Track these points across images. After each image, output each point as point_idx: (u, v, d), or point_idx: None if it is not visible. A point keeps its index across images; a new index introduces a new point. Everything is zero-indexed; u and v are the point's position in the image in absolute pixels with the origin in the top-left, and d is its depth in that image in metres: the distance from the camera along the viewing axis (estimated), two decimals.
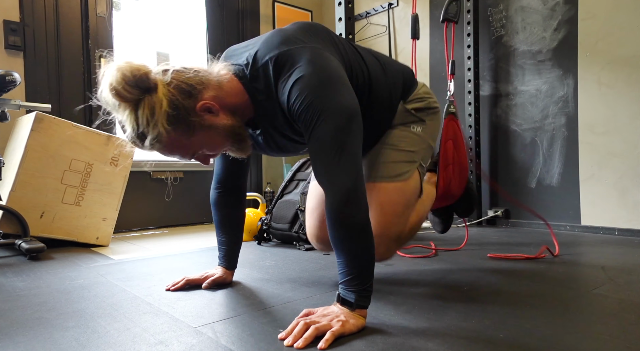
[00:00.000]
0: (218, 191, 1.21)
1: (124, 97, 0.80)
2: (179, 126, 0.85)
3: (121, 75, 0.79)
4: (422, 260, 1.53)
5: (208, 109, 0.88)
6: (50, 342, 0.82)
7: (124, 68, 0.79)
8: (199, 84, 0.87)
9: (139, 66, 0.81)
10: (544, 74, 2.30)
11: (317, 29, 0.99)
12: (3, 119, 1.70)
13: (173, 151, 0.90)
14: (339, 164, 0.83)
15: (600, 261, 1.46)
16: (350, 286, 0.84)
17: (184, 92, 0.85)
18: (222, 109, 0.91)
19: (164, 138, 0.84)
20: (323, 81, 0.86)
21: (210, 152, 0.94)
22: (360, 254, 0.84)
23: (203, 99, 0.87)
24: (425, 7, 2.86)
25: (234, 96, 0.93)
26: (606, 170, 2.10)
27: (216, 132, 0.90)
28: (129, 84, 0.79)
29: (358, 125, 0.88)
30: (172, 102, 0.83)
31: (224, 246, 1.23)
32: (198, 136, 0.89)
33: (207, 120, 0.88)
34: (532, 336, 0.80)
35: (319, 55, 0.89)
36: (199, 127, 0.87)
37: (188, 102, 0.85)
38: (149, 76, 0.81)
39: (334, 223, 0.83)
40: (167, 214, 2.75)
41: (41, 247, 1.65)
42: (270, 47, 0.92)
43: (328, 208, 0.84)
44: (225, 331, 0.85)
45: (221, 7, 3.04)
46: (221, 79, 0.92)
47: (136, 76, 0.79)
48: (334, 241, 0.85)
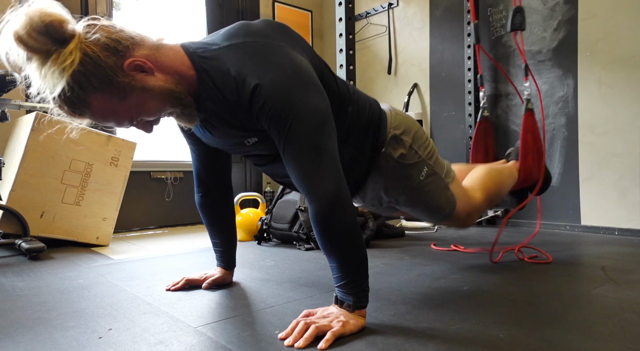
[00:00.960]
0: (201, 193, 1.18)
1: (29, 45, 0.70)
2: (103, 87, 0.75)
3: (28, 19, 0.69)
4: (421, 260, 1.53)
5: (139, 68, 0.78)
6: (50, 342, 0.82)
7: (32, 13, 0.69)
8: (126, 40, 0.77)
9: (54, 14, 0.71)
10: (544, 74, 2.30)
11: (285, 28, 0.93)
12: (3, 119, 1.70)
13: (106, 117, 0.80)
14: (319, 170, 0.80)
15: (600, 261, 1.46)
16: (348, 289, 0.84)
17: (108, 48, 0.75)
18: (157, 69, 0.81)
19: (88, 102, 0.76)
20: (292, 81, 0.80)
21: (149, 117, 0.84)
22: (352, 258, 0.83)
23: (132, 56, 0.77)
24: (425, 7, 2.86)
25: (176, 63, 0.84)
26: (606, 170, 2.10)
27: (151, 94, 0.80)
28: (36, 31, 0.69)
29: (332, 126, 0.85)
30: (88, 58, 0.73)
31: (218, 247, 1.23)
32: (130, 99, 0.79)
33: (138, 80, 0.78)
34: (532, 336, 0.80)
35: (286, 53, 0.83)
36: (130, 89, 0.78)
37: (112, 59, 0.75)
38: (63, 26, 0.72)
39: (323, 231, 0.81)
40: (167, 214, 2.75)
41: (41, 247, 1.65)
42: (232, 35, 0.86)
43: (314, 218, 0.81)
44: (225, 331, 0.85)
45: (221, 7, 3.04)
46: (161, 43, 0.83)
47: (46, 23, 0.69)
48: (324, 249, 0.83)
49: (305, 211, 1.88)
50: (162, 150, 2.79)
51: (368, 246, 1.84)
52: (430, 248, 1.76)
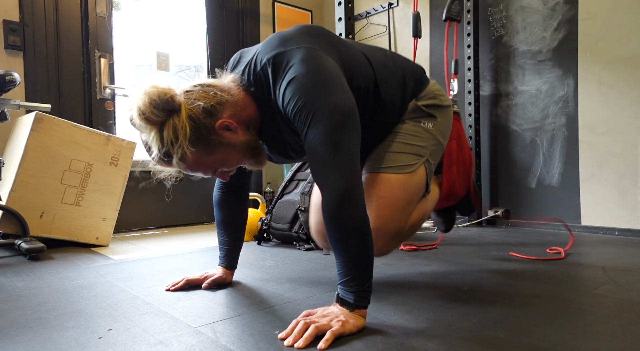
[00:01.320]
0: (221, 191, 1.21)
1: (151, 120, 0.84)
2: (200, 145, 0.88)
3: (149, 99, 0.82)
4: (421, 260, 1.53)
5: (227, 127, 0.91)
6: (50, 342, 0.82)
7: (151, 92, 0.83)
8: (218, 104, 0.90)
9: (165, 89, 0.85)
10: (544, 74, 2.30)
11: (315, 30, 0.99)
12: (3, 119, 1.70)
13: (195, 169, 0.93)
14: (334, 165, 0.83)
15: (600, 261, 1.46)
16: (349, 287, 0.84)
17: (205, 112, 0.88)
18: (239, 126, 0.93)
19: (188, 157, 0.88)
20: (316, 80, 0.86)
21: (229, 168, 0.98)
22: (358, 254, 0.83)
23: (222, 118, 0.90)
24: (426, 7, 2.86)
25: (246, 109, 0.95)
26: (606, 170, 2.10)
27: (235, 149, 0.93)
28: (156, 108, 0.83)
29: (354, 125, 0.87)
30: (194, 122, 0.86)
31: (225, 245, 1.23)
32: (218, 154, 0.92)
33: (226, 138, 0.91)
34: (532, 336, 0.80)
35: (312, 55, 0.89)
36: (218, 145, 0.91)
37: (209, 121, 0.88)
38: (174, 99, 0.85)
39: (331, 224, 0.83)
40: (167, 214, 2.75)
41: (41, 247, 1.65)
42: (267, 49, 0.94)
43: (325, 210, 0.84)
44: (225, 331, 0.85)
45: (221, 7, 3.04)
46: (234, 95, 0.94)
47: (162, 100, 0.83)
48: (332, 242, 0.85)
49: (305, 211, 1.88)
50: None
51: None
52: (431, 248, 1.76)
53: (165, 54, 2.78)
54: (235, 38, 3.07)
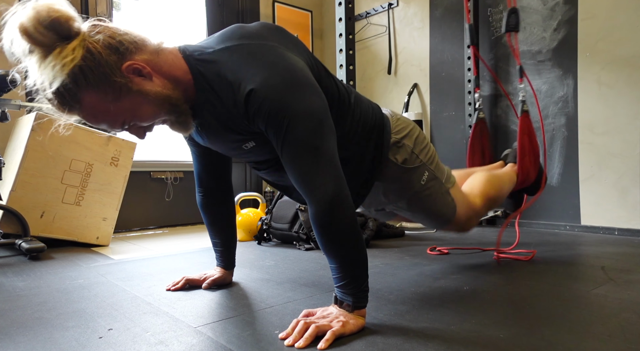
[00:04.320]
0: (202, 194, 1.18)
1: (34, 38, 0.70)
2: (99, 85, 0.75)
3: (36, 13, 0.69)
4: (421, 260, 1.53)
5: (137, 71, 0.78)
6: (51, 342, 0.82)
7: (40, 7, 0.70)
8: (130, 43, 0.78)
9: (62, 10, 0.72)
10: (544, 74, 2.30)
11: (281, 30, 0.92)
12: (3, 119, 1.70)
13: (98, 118, 0.79)
14: (317, 171, 0.80)
15: (600, 261, 1.46)
16: (347, 289, 0.84)
17: (110, 47, 0.75)
18: (155, 74, 0.81)
19: (81, 97, 0.75)
20: (288, 82, 0.79)
21: (142, 122, 0.84)
22: (352, 258, 0.83)
23: (132, 60, 0.78)
24: (426, 7, 2.86)
25: (174, 68, 0.84)
26: (606, 170, 2.10)
27: (146, 99, 0.80)
28: (42, 25, 0.69)
29: (330, 126, 0.84)
30: (90, 54, 0.73)
31: (218, 247, 1.23)
32: (125, 102, 0.78)
33: (135, 83, 0.78)
34: (532, 336, 0.80)
35: (281, 54, 0.83)
36: (125, 91, 0.77)
37: (113, 58, 0.75)
38: (69, 23, 0.72)
39: (323, 230, 0.81)
40: (167, 214, 2.75)
41: (41, 247, 1.65)
42: (227, 37, 0.86)
43: (313, 218, 0.81)
44: (225, 331, 0.85)
45: (221, 7, 3.04)
46: (160, 47, 0.83)
47: (53, 18, 0.70)
48: (323, 249, 0.84)
49: (305, 211, 1.88)
50: (162, 150, 2.79)
51: (368, 246, 1.84)
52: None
53: None
54: None
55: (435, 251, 1.68)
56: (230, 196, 1.22)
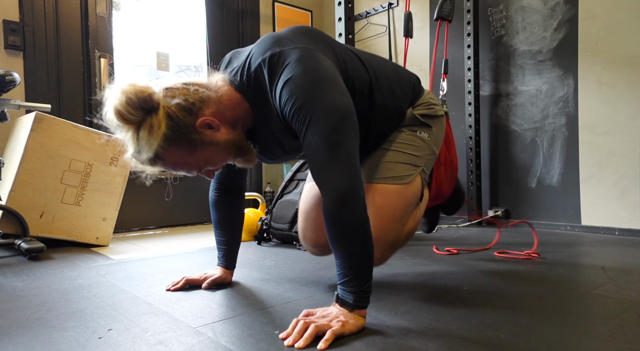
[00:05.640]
0: (217, 192, 1.21)
1: (127, 119, 0.82)
2: (180, 144, 0.86)
3: (126, 98, 0.80)
4: (421, 260, 1.53)
5: (208, 125, 0.88)
6: (50, 342, 0.81)
7: (128, 91, 0.81)
8: (199, 101, 0.88)
9: (143, 87, 0.83)
10: (544, 74, 2.30)
11: (310, 31, 0.99)
12: (3, 119, 1.70)
13: (177, 168, 0.92)
14: (334, 165, 0.83)
15: (600, 261, 1.46)
16: (349, 287, 0.84)
17: (185, 109, 0.85)
18: (222, 124, 0.91)
19: (165, 156, 0.86)
20: (313, 80, 0.85)
21: (214, 167, 0.96)
22: (358, 255, 0.83)
23: (203, 116, 0.88)
24: (425, 7, 2.86)
25: (234, 108, 0.94)
26: (606, 170, 2.10)
27: (218, 148, 0.91)
28: (132, 107, 0.81)
29: (352, 124, 0.87)
30: (172, 121, 0.84)
31: (223, 246, 1.23)
32: (200, 153, 0.90)
33: (208, 136, 0.89)
34: (532, 336, 0.80)
35: (309, 54, 0.89)
36: (200, 144, 0.88)
37: (188, 119, 0.86)
38: (152, 97, 0.83)
39: (332, 224, 0.83)
40: (167, 214, 2.75)
41: (41, 247, 1.65)
42: (262, 49, 0.92)
43: (325, 210, 0.83)
44: (225, 331, 0.85)
45: (221, 7, 3.04)
46: (220, 92, 0.92)
47: (140, 99, 0.81)
48: (331, 242, 0.84)
49: None
50: None
51: None
52: (431, 249, 1.76)
53: (165, 54, 2.78)
54: (235, 38, 3.07)
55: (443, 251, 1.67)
56: (242, 197, 1.25)
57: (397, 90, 1.10)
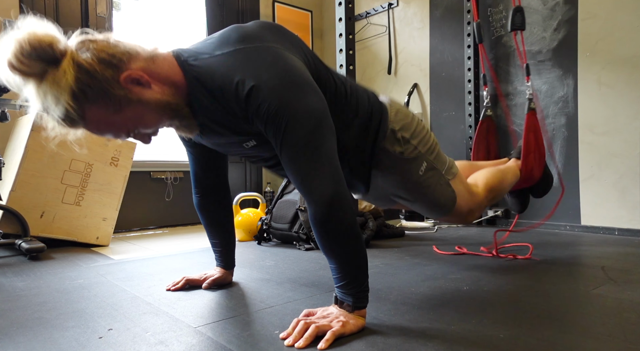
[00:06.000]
0: (198, 195, 1.18)
1: (22, 71, 0.71)
2: (99, 100, 0.76)
3: (18, 46, 0.69)
4: (421, 260, 1.53)
5: (136, 81, 0.78)
6: (51, 342, 0.82)
7: (21, 38, 0.70)
8: (121, 54, 0.77)
9: (42, 35, 0.71)
10: (544, 74, 2.30)
11: (278, 28, 0.92)
12: (3, 119, 1.70)
13: (101, 129, 0.81)
14: (317, 171, 0.80)
15: (600, 261, 1.46)
16: (347, 290, 0.84)
17: (103, 61, 0.75)
18: (154, 81, 0.81)
19: (84, 115, 0.76)
20: (286, 83, 0.80)
21: (147, 129, 0.85)
22: (352, 258, 0.83)
23: (129, 69, 0.78)
24: (426, 7, 2.86)
25: (171, 73, 0.84)
26: (606, 170, 2.10)
27: (148, 107, 0.81)
28: (26, 56, 0.70)
29: (329, 126, 0.84)
30: (85, 74, 0.73)
31: (217, 247, 1.23)
32: (127, 112, 0.79)
33: (135, 93, 0.78)
34: (532, 336, 0.80)
35: (280, 55, 0.83)
36: (126, 102, 0.78)
37: (108, 72, 0.75)
38: (53, 46, 0.71)
39: (322, 230, 0.81)
40: (167, 214, 2.75)
41: (41, 247, 1.65)
42: (224, 42, 0.85)
43: (312, 218, 0.81)
44: (225, 331, 0.85)
45: (221, 7, 3.04)
46: (155, 54, 0.83)
47: (35, 47, 0.70)
48: (323, 249, 0.84)
49: (305, 211, 1.88)
50: (162, 150, 2.78)
51: (368, 246, 1.84)
52: (431, 248, 1.76)
53: None
54: None
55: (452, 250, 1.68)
56: (227, 196, 1.22)
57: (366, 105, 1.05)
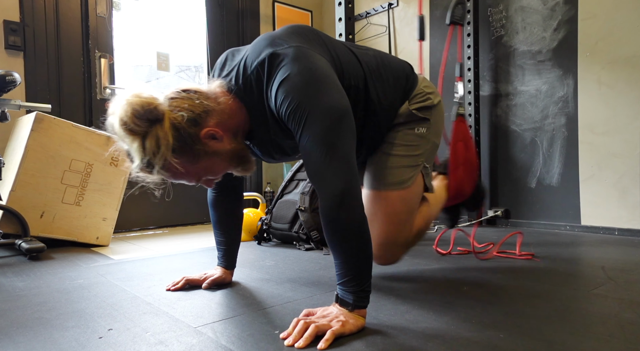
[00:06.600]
0: (215, 192, 1.20)
1: (133, 130, 0.82)
2: (184, 154, 0.87)
3: (131, 109, 0.81)
4: (421, 260, 1.53)
5: (212, 136, 0.89)
6: (50, 342, 0.82)
7: (134, 102, 0.81)
8: (204, 113, 0.88)
9: (149, 98, 0.83)
10: (544, 74, 2.30)
11: (304, 29, 0.99)
12: (3, 119, 1.70)
13: (179, 177, 0.92)
14: (330, 166, 0.82)
15: (600, 261, 1.46)
16: (349, 287, 0.84)
17: (190, 120, 0.86)
18: (225, 134, 0.92)
19: (171, 167, 0.87)
20: (308, 80, 0.85)
21: (214, 176, 0.97)
22: (356, 255, 0.83)
23: (207, 126, 0.88)
24: (426, 7, 2.86)
25: (234, 116, 0.94)
26: (606, 170, 2.10)
27: (220, 158, 0.92)
28: (138, 118, 0.81)
29: (349, 124, 0.87)
30: (177, 132, 0.84)
31: (222, 246, 1.23)
32: (203, 163, 0.90)
33: (211, 146, 0.89)
34: (532, 336, 0.80)
35: (303, 54, 0.88)
36: (203, 154, 0.89)
37: (193, 130, 0.86)
38: (157, 108, 0.83)
39: (330, 225, 0.83)
40: (167, 214, 2.75)
41: (41, 247, 1.65)
42: (257, 51, 0.93)
43: (322, 212, 0.84)
44: (225, 331, 0.85)
45: (221, 7, 3.04)
46: (220, 102, 0.92)
47: (146, 110, 0.81)
48: (330, 243, 0.85)
49: (305, 211, 1.88)
50: None
51: None
52: (431, 248, 1.76)
53: (165, 54, 2.78)
54: (235, 38, 3.07)
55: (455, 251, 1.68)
56: (241, 196, 1.24)
57: (391, 84, 1.10)
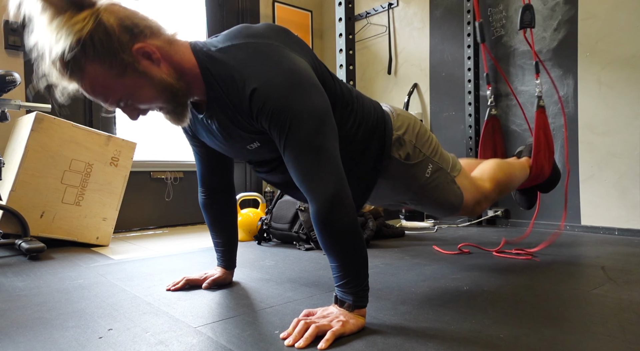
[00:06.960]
0: (204, 194, 1.19)
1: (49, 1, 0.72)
2: (106, 59, 0.76)
3: None
4: (421, 260, 1.53)
5: (147, 55, 0.79)
6: (51, 342, 0.82)
7: None
8: (145, 27, 0.79)
9: None
10: (544, 74, 2.30)
11: (286, 31, 0.93)
12: (3, 119, 1.70)
13: (96, 90, 0.80)
14: (319, 170, 0.81)
15: (600, 261, 1.46)
16: (347, 289, 0.84)
17: (124, 26, 0.76)
18: (164, 61, 0.82)
19: (86, 67, 0.76)
20: (291, 83, 0.81)
21: (139, 104, 0.84)
22: (352, 257, 0.83)
23: (144, 42, 0.79)
24: (426, 7, 2.86)
25: (184, 60, 0.85)
26: (606, 170, 2.10)
27: (149, 82, 0.81)
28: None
29: (332, 125, 0.85)
30: (103, 31, 0.74)
31: (220, 247, 1.23)
32: (127, 80, 0.79)
33: (142, 65, 0.79)
34: (532, 336, 0.80)
35: (285, 55, 0.84)
36: (130, 70, 0.78)
37: (124, 36, 0.76)
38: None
39: (323, 229, 0.82)
40: (167, 214, 2.75)
41: (41, 247, 1.65)
42: (233, 36, 0.87)
43: (314, 216, 0.82)
44: (225, 331, 0.85)
45: (221, 7, 3.04)
46: (174, 38, 0.84)
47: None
48: (324, 247, 0.84)
49: (305, 211, 1.88)
50: (162, 150, 2.79)
51: (368, 246, 1.84)
52: (431, 248, 1.76)
53: None
54: None
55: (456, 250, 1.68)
56: (232, 196, 1.23)
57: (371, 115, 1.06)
